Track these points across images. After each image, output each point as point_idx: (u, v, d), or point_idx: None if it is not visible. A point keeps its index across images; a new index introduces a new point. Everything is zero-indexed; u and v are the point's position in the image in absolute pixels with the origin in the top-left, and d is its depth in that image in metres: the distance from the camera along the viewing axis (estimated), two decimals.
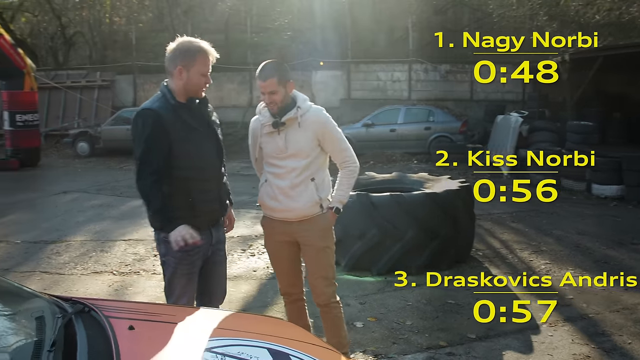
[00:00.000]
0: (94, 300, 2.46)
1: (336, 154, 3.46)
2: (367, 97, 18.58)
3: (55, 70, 22.34)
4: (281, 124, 3.32)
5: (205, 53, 3.06)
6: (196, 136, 3.04)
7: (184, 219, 2.96)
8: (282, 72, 3.31)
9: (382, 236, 5.70)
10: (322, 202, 3.40)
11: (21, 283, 5.64)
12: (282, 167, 3.38)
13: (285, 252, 3.56)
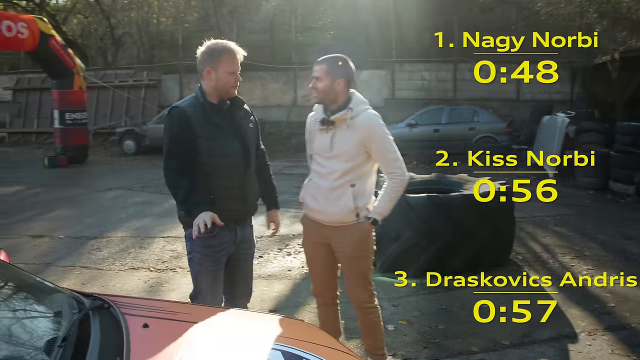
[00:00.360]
0: (115, 297, 2.48)
1: (383, 164, 3.32)
2: (411, 96, 18.38)
3: (104, 70, 22.88)
4: (329, 122, 3.29)
5: (231, 52, 3.13)
6: (222, 135, 3.11)
7: None
8: (335, 65, 3.27)
9: (418, 238, 5.60)
10: (358, 211, 3.30)
11: (61, 277, 5.84)
12: (325, 167, 3.34)
13: (320, 255, 3.52)
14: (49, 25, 15.28)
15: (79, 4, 26.06)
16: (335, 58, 3.32)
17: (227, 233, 3.15)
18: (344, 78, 3.27)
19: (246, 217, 3.32)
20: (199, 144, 3.06)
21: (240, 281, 3.39)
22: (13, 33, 13.92)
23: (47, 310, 2.18)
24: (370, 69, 19.04)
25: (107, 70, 22.95)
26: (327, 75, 3.25)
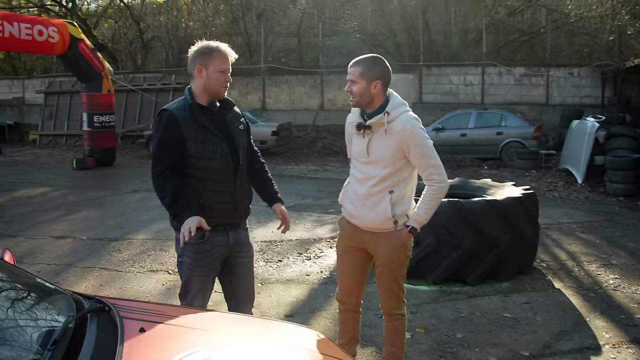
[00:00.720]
0: (116, 300, 2.44)
1: (422, 169, 3.17)
2: (439, 100, 18.20)
3: (134, 74, 23.13)
4: (366, 127, 3.19)
5: (222, 52, 3.08)
6: (210, 138, 3.07)
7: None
8: (370, 67, 3.14)
9: (438, 244, 5.48)
10: (396, 219, 3.19)
11: (80, 278, 5.86)
12: (362, 172, 3.26)
13: (351, 259, 3.44)
14: (79, 30, 15.49)
15: (110, 9, 26.44)
16: (370, 59, 3.21)
17: (218, 238, 3.14)
18: (381, 80, 3.15)
19: (238, 220, 3.27)
20: (188, 147, 3.03)
21: (241, 285, 3.34)
22: (44, 37, 14.14)
23: (43, 312, 2.14)
24: (397, 72, 18.85)
25: (137, 74, 23.20)
26: (363, 78, 3.13)
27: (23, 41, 13.74)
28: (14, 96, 25.87)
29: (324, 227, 8.08)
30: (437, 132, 14.83)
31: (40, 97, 24.04)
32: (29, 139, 23.61)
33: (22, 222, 9.07)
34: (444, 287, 5.44)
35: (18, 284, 2.30)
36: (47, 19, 16.28)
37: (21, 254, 7.03)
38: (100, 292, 5.54)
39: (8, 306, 2.07)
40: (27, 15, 17.01)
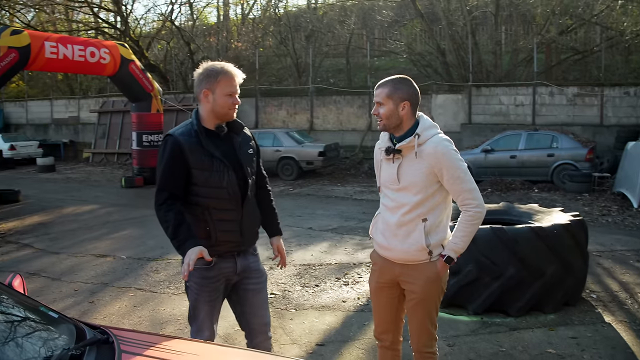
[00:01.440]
0: (122, 330, 2.36)
1: (456, 194, 2.98)
2: (488, 121, 17.79)
3: (184, 93, 23.51)
4: (395, 152, 3.02)
5: (228, 73, 2.99)
6: (217, 166, 2.98)
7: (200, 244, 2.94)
8: (398, 88, 2.98)
9: (479, 272, 5.22)
10: (431, 249, 2.99)
11: (114, 298, 5.84)
12: (393, 200, 3.08)
13: (384, 296, 3.24)
14: (130, 51, 15.84)
15: (163, 30, 27.06)
16: (397, 79, 3.05)
17: (225, 264, 3.06)
18: (409, 100, 2.98)
19: (246, 247, 3.15)
20: (193, 175, 2.95)
21: (252, 314, 3.20)
22: (96, 58, 14.51)
23: (40, 341, 2.07)
24: (446, 93, 18.65)
25: (187, 94, 23.57)
26: (389, 99, 2.98)
27: (76, 62, 14.13)
28: (69, 115, 26.72)
29: (365, 250, 7.88)
30: (485, 153, 14.47)
31: (94, 116, 24.74)
32: (83, 156, 24.30)
33: (66, 239, 9.21)
34: (485, 318, 5.17)
35: (18, 311, 2.23)
36: (99, 40, 16.76)
37: (61, 272, 7.12)
38: (132, 314, 5.50)
39: (5, 334, 2.00)
40: (80, 38, 17.49)
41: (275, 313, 5.44)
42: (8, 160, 23.11)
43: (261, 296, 3.23)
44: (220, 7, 28.06)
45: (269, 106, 21.61)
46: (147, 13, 49.08)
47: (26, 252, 8.44)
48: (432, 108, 18.55)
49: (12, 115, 29.07)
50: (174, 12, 27.15)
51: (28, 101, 28.47)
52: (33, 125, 27.91)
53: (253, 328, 3.20)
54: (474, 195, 2.96)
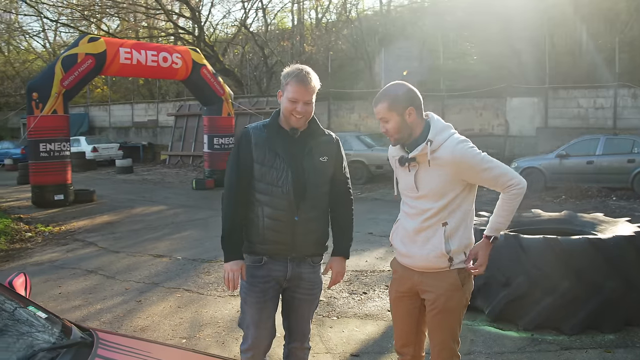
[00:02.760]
0: (112, 335, 2.33)
1: (492, 184, 2.80)
2: (566, 125, 16.97)
3: (257, 97, 23.86)
4: (409, 161, 2.84)
5: (297, 79, 2.87)
6: (279, 163, 2.93)
7: (246, 247, 2.99)
8: (396, 96, 2.79)
9: (530, 286, 4.88)
10: (452, 255, 2.80)
11: (161, 298, 5.88)
12: (413, 208, 2.90)
13: (404, 306, 3.04)
14: (201, 56, 16.18)
15: (240, 35, 27.56)
16: (391, 87, 2.85)
17: (276, 266, 3.00)
18: (412, 105, 2.78)
19: (298, 255, 3.02)
20: (254, 169, 2.94)
21: (293, 320, 3.15)
22: (168, 63, 14.93)
23: (16, 342, 2.04)
24: (521, 96, 17.95)
25: (260, 98, 23.91)
26: (392, 112, 2.78)
27: (149, 67, 14.60)
28: (149, 118, 27.69)
29: None
30: (560, 159, 13.77)
31: (172, 119, 25.51)
32: (160, 158, 25.09)
33: (129, 238, 9.45)
34: (536, 334, 4.82)
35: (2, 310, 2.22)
36: (172, 46, 17.20)
37: (117, 270, 7.28)
38: (174, 315, 5.52)
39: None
40: (153, 44, 18.06)
41: (316, 320, 5.30)
42: (90, 162, 24.22)
43: (307, 308, 3.15)
44: (295, 11, 28.29)
45: (341, 109, 21.57)
46: (223, 19, 50.02)
47: (89, 250, 8.71)
48: (506, 111, 17.93)
49: (97, 118, 30.46)
50: (249, 17, 27.55)
51: (111, 105, 29.75)
52: (115, 128, 29.12)
53: (291, 333, 3.18)
54: (509, 175, 2.77)
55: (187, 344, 4.78)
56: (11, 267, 7.70)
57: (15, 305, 2.31)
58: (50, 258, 8.18)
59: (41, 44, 38.21)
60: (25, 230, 10.23)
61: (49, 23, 32.15)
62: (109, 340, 2.21)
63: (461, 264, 2.84)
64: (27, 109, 13.26)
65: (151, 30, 27.99)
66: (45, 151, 13.06)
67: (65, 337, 2.17)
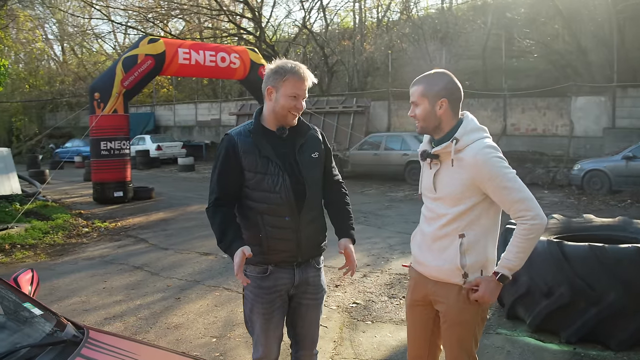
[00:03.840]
0: (104, 335, 2.33)
1: (506, 207, 2.57)
2: (635, 125, 16.14)
3: (317, 97, 23.88)
4: (430, 156, 2.70)
5: (297, 74, 2.75)
6: (271, 169, 2.77)
7: (249, 258, 2.70)
8: (433, 83, 2.63)
9: (573, 296, 4.61)
10: (466, 271, 2.60)
11: (200, 296, 5.92)
12: (431, 210, 2.74)
13: (417, 315, 2.89)
14: (259, 55, 16.31)
15: (304, 35, 27.67)
16: (433, 74, 2.68)
17: (282, 275, 2.85)
18: (447, 98, 2.62)
19: (304, 260, 2.89)
20: (246, 177, 2.77)
21: (301, 327, 3.00)
22: (226, 63, 15.13)
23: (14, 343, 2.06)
24: (587, 95, 17.21)
25: (320, 97, 23.92)
26: (424, 98, 2.63)
27: (207, 67, 14.82)
28: (212, 117, 28.23)
29: None
30: (627, 160, 13.11)
31: (234, 118, 25.88)
32: None
33: (180, 236, 9.61)
34: (579, 348, 4.55)
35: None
36: (230, 46, 17.41)
37: (162, 267, 7.40)
38: (210, 313, 5.54)
39: None
40: (212, 44, 18.34)
41: (349, 323, 5.22)
42: (154, 160, 24.91)
43: (315, 313, 3.01)
44: (356, 10, 28.18)
45: (401, 109, 21.30)
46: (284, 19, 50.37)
47: (140, 246, 8.91)
48: (571, 111, 17.24)
49: (162, 117, 31.28)
50: (310, 17, 27.71)
51: (175, 105, 30.48)
52: (179, 127, 29.83)
53: (299, 341, 3.03)
54: (527, 205, 2.51)
55: (216, 343, 4.78)
56: (64, 260, 7.97)
57: (11, 301, 2.33)
58: (102, 253, 8.41)
59: (111, 46, 39.59)
60: (82, 225, 10.58)
61: (119, 26, 33.23)
62: (98, 339, 2.19)
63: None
64: (89, 109, 13.72)
65: (214, 31, 28.52)
66: (105, 149, 13.46)
67: (56, 334, 2.16)
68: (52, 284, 6.74)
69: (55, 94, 34.97)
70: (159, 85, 33.08)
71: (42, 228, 9.77)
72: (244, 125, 2.87)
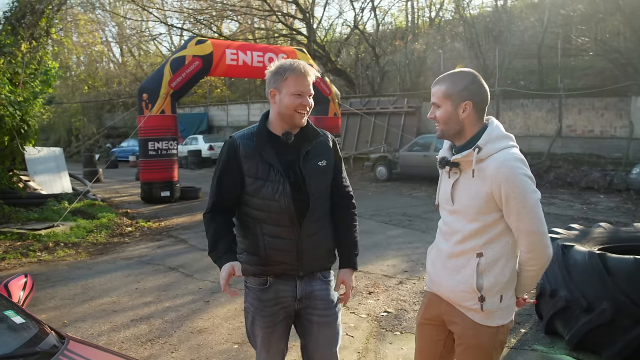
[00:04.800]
0: (84, 346, 2.25)
1: (517, 233, 2.35)
2: None
3: (369, 97, 23.66)
4: (450, 164, 2.47)
5: (296, 69, 2.59)
6: (273, 176, 2.62)
7: (248, 270, 2.68)
8: (457, 83, 2.40)
9: (616, 313, 4.28)
10: (483, 294, 2.38)
11: (228, 300, 5.83)
12: (447, 225, 2.53)
13: (427, 336, 2.68)
14: (308, 56, 16.24)
15: (357, 35, 27.49)
16: (457, 74, 2.44)
17: (283, 287, 2.70)
18: (472, 100, 2.39)
19: (305, 273, 2.71)
20: (246, 183, 2.64)
21: (315, 350, 2.78)
22: None
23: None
24: None
25: (372, 98, 23.68)
26: (447, 99, 2.40)
27: (254, 68, 14.84)
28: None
29: None
30: None
31: None
32: None
33: None
34: None
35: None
36: (278, 47, 17.42)
37: (197, 269, 7.39)
38: (235, 318, 5.45)
39: None
40: (260, 44, 18.37)
41: (377, 333, 5.03)
42: (206, 160, 25.22)
43: (328, 332, 2.78)
44: (409, 10, 27.82)
45: None
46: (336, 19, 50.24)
47: (179, 247, 8.93)
48: (631, 112, 16.43)
49: (215, 118, 31.67)
50: (362, 17, 27.48)
51: (228, 105, 30.78)
52: (232, 127, 30.10)
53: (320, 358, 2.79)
54: (537, 240, 2.31)
55: (237, 350, 4.67)
56: (103, 259, 8.06)
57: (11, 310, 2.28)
58: (140, 253, 8.47)
59: (167, 47, 40.40)
60: (126, 224, 10.72)
61: (174, 28, 33.87)
62: (76, 351, 2.14)
63: (497, 312, 2.41)
64: (138, 110, 13.93)
65: (266, 32, 28.66)
66: (153, 149, 13.63)
67: (32, 345, 2.09)
68: (87, 283, 6.80)
69: (113, 94, 35.94)
70: (213, 85, 33.52)
71: (87, 227, 9.94)
72: (250, 128, 2.74)
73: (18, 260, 7.96)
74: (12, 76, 10.72)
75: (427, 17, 28.18)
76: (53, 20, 13.19)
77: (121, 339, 4.97)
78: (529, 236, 2.31)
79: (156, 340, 4.92)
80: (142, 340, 4.93)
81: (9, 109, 9.57)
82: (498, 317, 2.42)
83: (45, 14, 12.75)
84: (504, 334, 2.48)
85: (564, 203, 13.07)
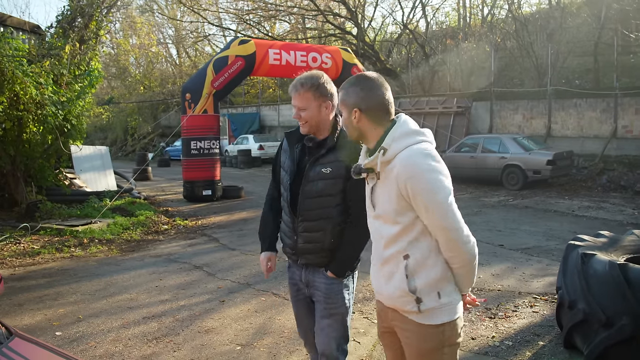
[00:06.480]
0: (27, 344, 2.23)
1: (432, 231, 2.24)
2: None
3: (419, 97, 23.30)
4: (361, 171, 2.39)
5: (291, 87, 2.88)
6: (289, 168, 2.98)
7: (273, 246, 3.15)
8: (346, 93, 2.36)
9: (636, 329, 4.00)
10: (418, 295, 2.26)
11: (244, 300, 5.83)
12: (375, 231, 2.45)
13: (387, 344, 2.58)
14: (352, 55, 16.13)
15: (404, 36, 27.19)
16: (348, 82, 2.40)
17: (294, 269, 3.10)
18: (357, 107, 2.34)
19: (302, 261, 2.97)
20: (281, 174, 3.06)
21: (317, 334, 2.99)
22: (318, 63, 15.08)
23: None
24: None
25: (421, 98, 23.32)
26: (342, 107, 2.40)
27: (298, 67, 14.77)
28: None
29: (544, 278, 6.76)
30: None
31: None
32: None
33: (253, 236, 9.56)
34: None
35: None
36: (321, 46, 17.34)
37: (220, 268, 7.41)
38: (246, 319, 5.42)
39: None
40: (303, 44, 18.37)
41: None
42: (256, 159, 25.42)
43: (324, 323, 2.94)
44: (461, 8, 27.27)
45: (504, 110, 20.31)
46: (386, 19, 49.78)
47: (209, 245, 8.98)
48: None
49: (267, 117, 31.88)
50: (414, 16, 27.14)
51: (280, 105, 30.91)
52: (283, 127, 30.22)
53: (318, 348, 3.02)
54: (454, 235, 2.20)
55: (239, 352, 4.62)
56: (132, 257, 8.18)
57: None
58: (170, 251, 8.55)
59: (221, 48, 41.00)
60: (163, 222, 10.86)
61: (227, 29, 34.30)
62: (16, 349, 2.12)
63: (438, 309, 2.27)
64: (181, 109, 14.11)
65: (314, 31, 28.66)
66: (195, 149, 13.79)
67: None
68: (111, 279, 6.89)
69: (167, 94, 36.70)
70: (265, 86, 33.76)
71: (123, 224, 10.12)
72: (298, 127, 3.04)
73: (52, 255, 8.17)
74: (57, 77, 11.03)
75: (479, 16, 27.58)
76: (102, 22, 13.48)
77: (128, 335, 5.00)
78: (443, 232, 2.20)
79: (162, 339, 4.92)
80: (149, 337, 4.94)
81: (51, 109, 9.84)
82: (440, 315, 2.27)
83: (95, 17, 13.06)
84: (453, 332, 2.31)
85: (614, 207, 12.48)
